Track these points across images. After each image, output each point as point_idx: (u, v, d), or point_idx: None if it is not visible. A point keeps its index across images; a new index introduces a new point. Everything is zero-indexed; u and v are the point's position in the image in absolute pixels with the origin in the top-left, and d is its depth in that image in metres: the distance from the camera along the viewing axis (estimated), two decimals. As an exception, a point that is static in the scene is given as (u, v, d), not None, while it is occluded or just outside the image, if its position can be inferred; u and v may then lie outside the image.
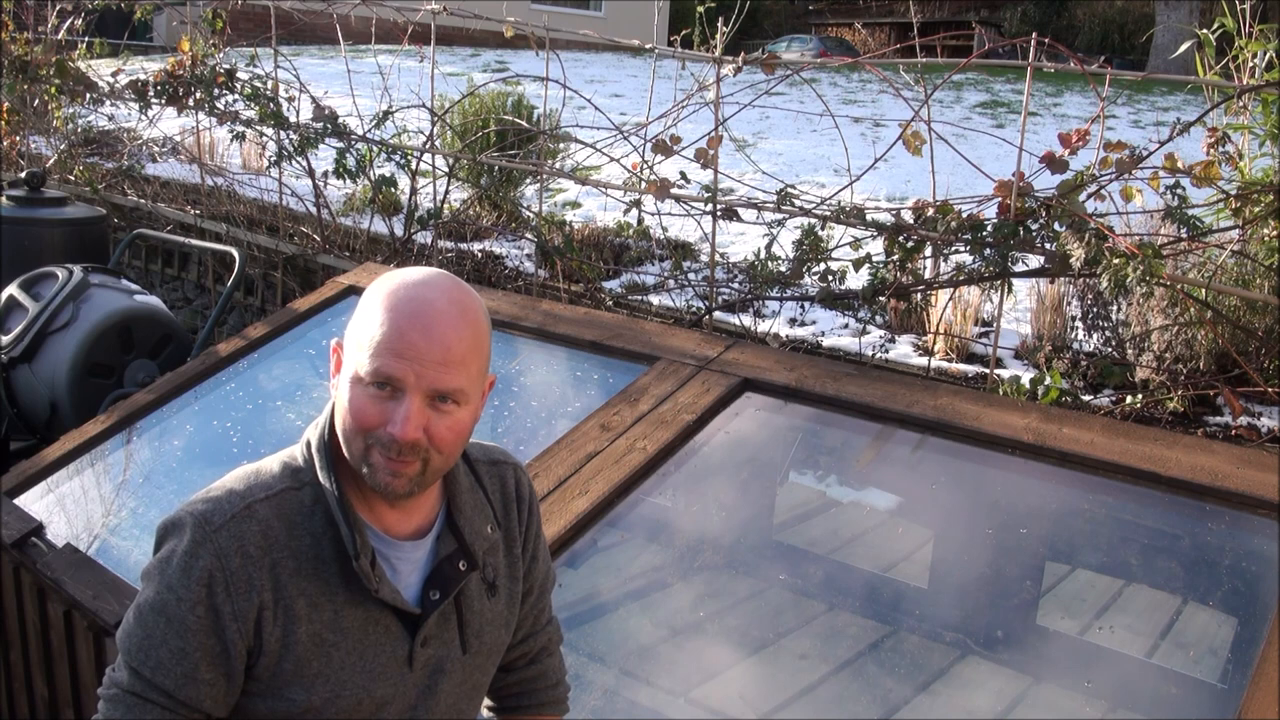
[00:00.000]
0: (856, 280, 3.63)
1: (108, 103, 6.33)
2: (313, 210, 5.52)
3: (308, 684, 1.27)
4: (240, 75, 5.37)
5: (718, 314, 4.19)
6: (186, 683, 1.24)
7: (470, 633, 1.39)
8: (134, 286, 4.45)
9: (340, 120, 4.96)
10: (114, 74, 6.15)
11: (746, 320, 4.13)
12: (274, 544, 1.26)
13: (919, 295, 3.76)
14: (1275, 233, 3.08)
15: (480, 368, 1.29)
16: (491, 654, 1.45)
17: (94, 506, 3.01)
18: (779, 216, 3.72)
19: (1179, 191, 3.02)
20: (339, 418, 1.28)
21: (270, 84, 5.27)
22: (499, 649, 1.46)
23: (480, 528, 1.40)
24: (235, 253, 4.70)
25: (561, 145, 5.66)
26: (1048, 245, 3.10)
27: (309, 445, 1.32)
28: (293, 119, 5.15)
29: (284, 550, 1.26)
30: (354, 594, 1.28)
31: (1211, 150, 2.99)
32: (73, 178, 6.85)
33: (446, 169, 4.92)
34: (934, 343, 3.93)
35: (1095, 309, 3.63)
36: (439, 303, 1.25)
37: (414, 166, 4.86)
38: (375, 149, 4.89)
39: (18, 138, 7.19)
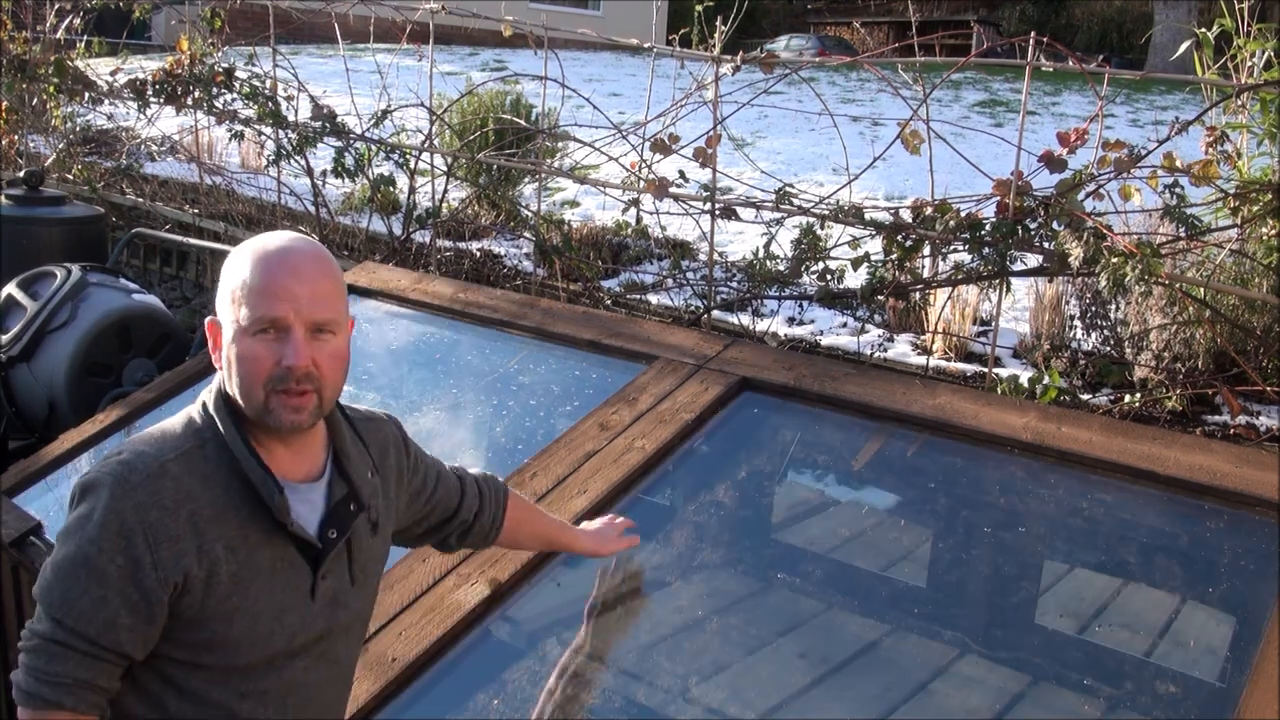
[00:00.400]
0: (855, 279, 3.63)
1: (106, 102, 6.32)
2: (311, 209, 5.51)
3: (227, 617, 1.40)
4: (239, 74, 5.36)
5: (716, 313, 4.19)
6: (108, 629, 1.34)
7: (357, 567, 1.55)
8: (132, 285, 4.45)
9: (339, 119, 4.96)
10: (112, 73, 6.14)
11: (745, 319, 4.13)
12: (189, 496, 1.38)
13: (917, 294, 3.76)
14: (1274, 231, 3.08)
15: (344, 303, 1.48)
16: (373, 586, 1.63)
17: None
18: (777, 215, 3.72)
19: (1177, 190, 3.02)
20: (234, 378, 1.41)
21: (269, 83, 5.26)
22: (377, 581, 1.65)
23: (364, 474, 1.56)
24: (234, 252, 4.69)
25: (560, 144, 5.65)
26: (1046, 244, 3.10)
27: (205, 407, 1.46)
28: (291, 118, 5.14)
29: (199, 500, 1.38)
30: (264, 534, 1.42)
31: (1210, 149, 2.99)
32: (71, 177, 6.85)
33: (445, 168, 4.91)
34: (932, 342, 3.92)
35: (1094, 308, 3.63)
36: (298, 250, 1.43)
37: (412, 165, 4.85)
38: (374, 148, 4.88)
39: (16, 137, 7.19)
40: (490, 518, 1.89)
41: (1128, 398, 3.27)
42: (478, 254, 5.24)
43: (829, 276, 3.66)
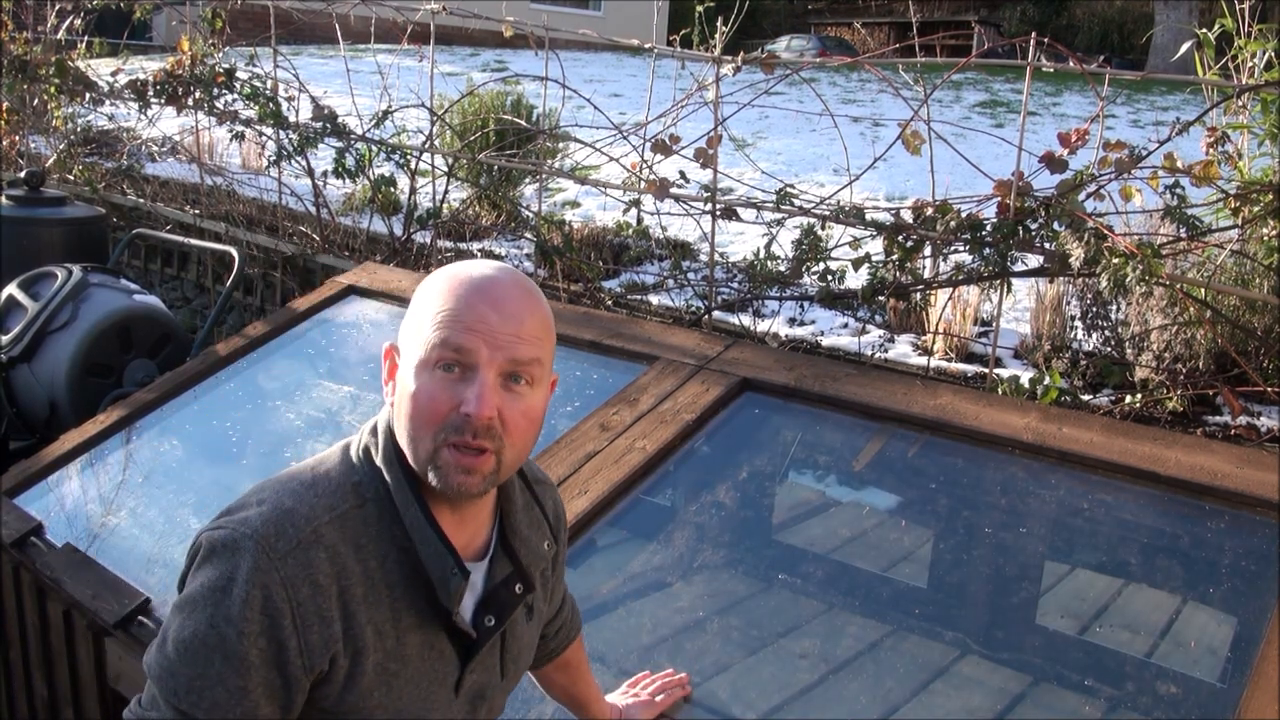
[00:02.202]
0: (856, 280, 3.63)
1: (107, 102, 6.32)
2: (312, 210, 5.51)
3: (368, 713, 1.20)
4: (239, 75, 5.37)
5: (717, 313, 4.19)
6: None
7: (509, 658, 1.35)
8: (133, 286, 4.45)
9: (339, 120, 4.96)
10: (113, 73, 6.14)
11: (746, 320, 4.13)
12: (342, 571, 1.15)
13: (918, 295, 3.76)
14: (1274, 232, 3.08)
15: (551, 349, 1.23)
16: (520, 677, 1.43)
17: (94, 506, 3.01)
18: (778, 216, 3.72)
19: (1178, 191, 3.02)
20: (402, 418, 1.18)
21: (269, 83, 5.27)
22: (524, 670, 1.45)
23: (537, 546, 1.34)
24: (234, 252, 4.70)
25: (561, 145, 5.66)
26: (1047, 245, 3.10)
27: (369, 454, 1.23)
28: (292, 118, 5.15)
29: (351, 577, 1.16)
30: (416, 618, 1.21)
31: (1211, 150, 2.99)
32: (72, 177, 6.85)
33: (446, 168, 4.92)
34: (933, 342, 3.92)
35: (1094, 308, 3.63)
36: (506, 281, 1.19)
37: (413, 166, 4.86)
38: (374, 148, 4.89)
39: (17, 137, 7.19)
40: (558, 644, 1.65)
41: (1128, 398, 3.27)
42: (478, 254, 5.24)
43: (830, 277, 3.67)
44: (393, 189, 4.95)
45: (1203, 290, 3.13)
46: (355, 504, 1.19)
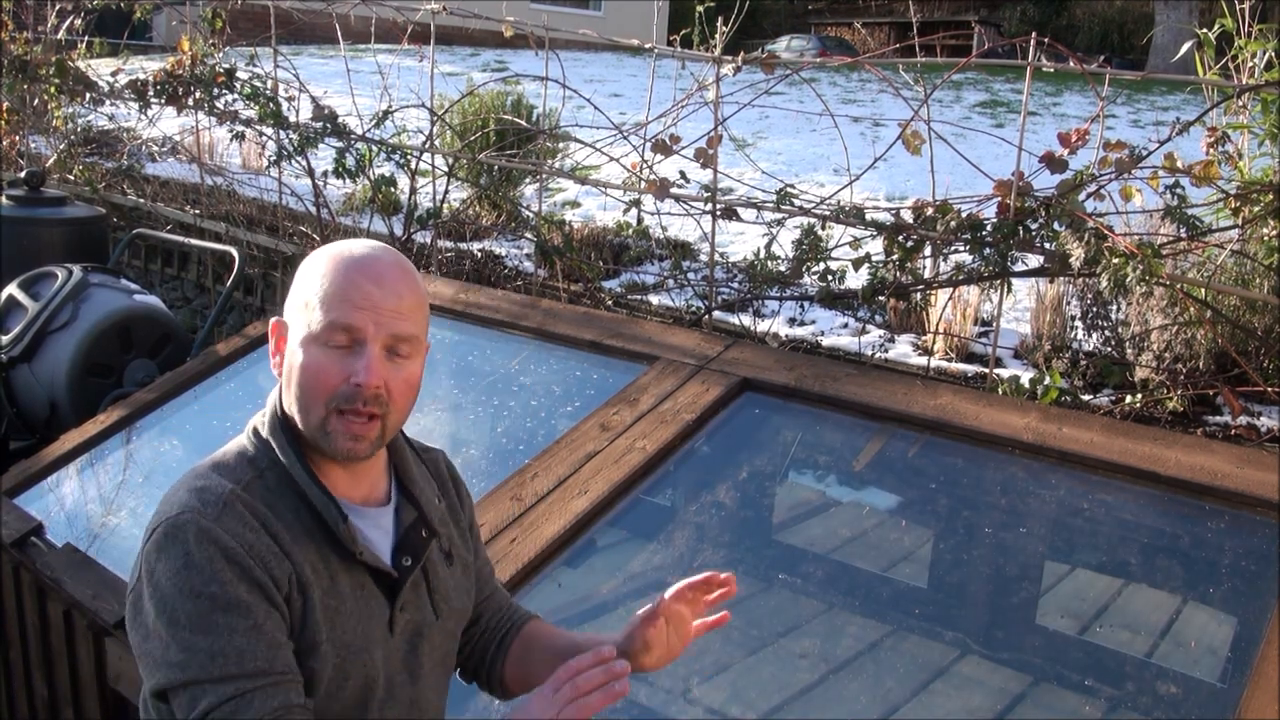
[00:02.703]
0: (856, 280, 3.63)
1: (107, 102, 6.32)
2: (312, 210, 5.51)
3: (321, 652, 1.26)
4: (240, 75, 5.37)
5: (717, 313, 4.19)
6: (277, 653, 1.19)
7: (439, 598, 1.42)
8: (133, 286, 4.45)
9: (340, 120, 4.96)
10: (113, 73, 6.14)
11: (746, 320, 4.13)
12: (265, 522, 1.25)
13: (918, 295, 3.76)
14: (1275, 232, 3.08)
15: (426, 322, 1.34)
16: (458, 620, 1.49)
17: (94, 506, 3.01)
18: (778, 216, 3.72)
19: (1178, 191, 3.02)
20: (293, 389, 1.29)
21: (270, 83, 5.27)
22: (464, 616, 1.50)
23: (431, 498, 1.45)
24: (234, 252, 4.70)
25: (561, 145, 5.66)
26: (1047, 245, 3.10)
27: (256, 432, 1.34)
28: (292, 118, 5.15)
29: (275, 527, 1.26)
30: (340, 561, 1.30)
31: (1211, 150, 2.99)
32: (72, 177, 6.85)
33: (446, 169, 4.92)
34: (933, 342, 3.93)
35: (1095, 309, 3.63)
36: (387, 260, 1.30)
37: (413, 166, 4.86)
38: (375, 149, 4.89)
39: (17, 137, 7.19)
40: (513, 619, 1.61)
41: (1129, 398, 3.27)
42: (479, 254, 5.24)
43: (830, 277, 3.67)
44: (393, 189, 4.95)
45: (1203, 290, 3.13)
46: (255, 474, 1.29)
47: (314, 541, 1.28)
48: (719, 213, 3.89)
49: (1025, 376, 3.24)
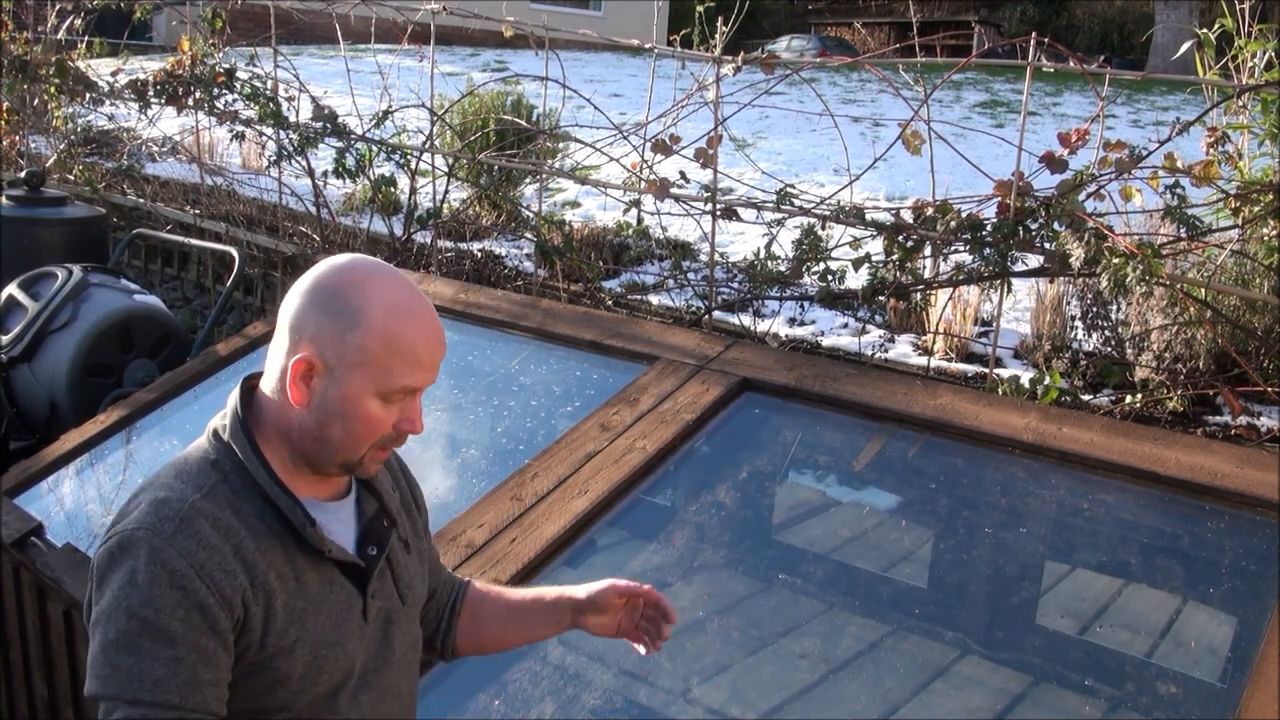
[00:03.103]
0: (856, 280, 3.63)
1: (107, 102, 6.33)
2: (312, 210, 5.51)
3: (290, 651, 1.30)
4: (240, 75, 5.37)
5: (717, 313, 4.19)
6: (190, 689, 1.22)
7: (403, 585, 1.48)
8: (133, 286, 4.45)
9: (340, 120, 4.96)
10: (113, 73, 6.15)
11: (746, 320, 4.13)
12: (228, 531, 1.28)
13: (918, 295, 3.76)
14: (1275, 232, 3.08)
15: None
16: (419, 605, 1.55)
17: (94, 506, 3.01)
18: (778, 216, 3.72)
19: (1178, 191, 3.02)
20: (338, 430, 1.32)
21: (270, 83, 5.27)
22: (422, 601, 1.56)
23: (389, 488, 1.51)
24: (234, 252, 4.70)
25: (561, 145, 5.66)
26: (1047, 245, 3.10)
27: (217, 435, 1.37)
28: (292, 118, 5.15)
29: (239, 534, 1.29)
30: (307, 560, 1.34)
31: (1211, 150, 2.99)
32: (72, 177, 6.85)
33: (446, 169, 4.92)
34: (933, 342, 3.93)
35: (1095, 309, 3.63)
36: (430, 311, 1.35)
37: (413, 166, 4.86)
38: (375, 149, 4.89)
39: (17, 137, 7.19)
40: (456, 593, 1.70)
41: (1129, 398, 3.27)
42: (479, 254, 5.24)
43: (830, 277, 3.67)
44: (393, 189, 4.96)
45: (1203, 290, 3.13)
46: (219, 478, 1.32)
47: (280, 543, 1.32)
48: (719, 213, 3.89)
49: (1025, 376, 3.24)
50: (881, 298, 3.64)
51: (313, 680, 1.33)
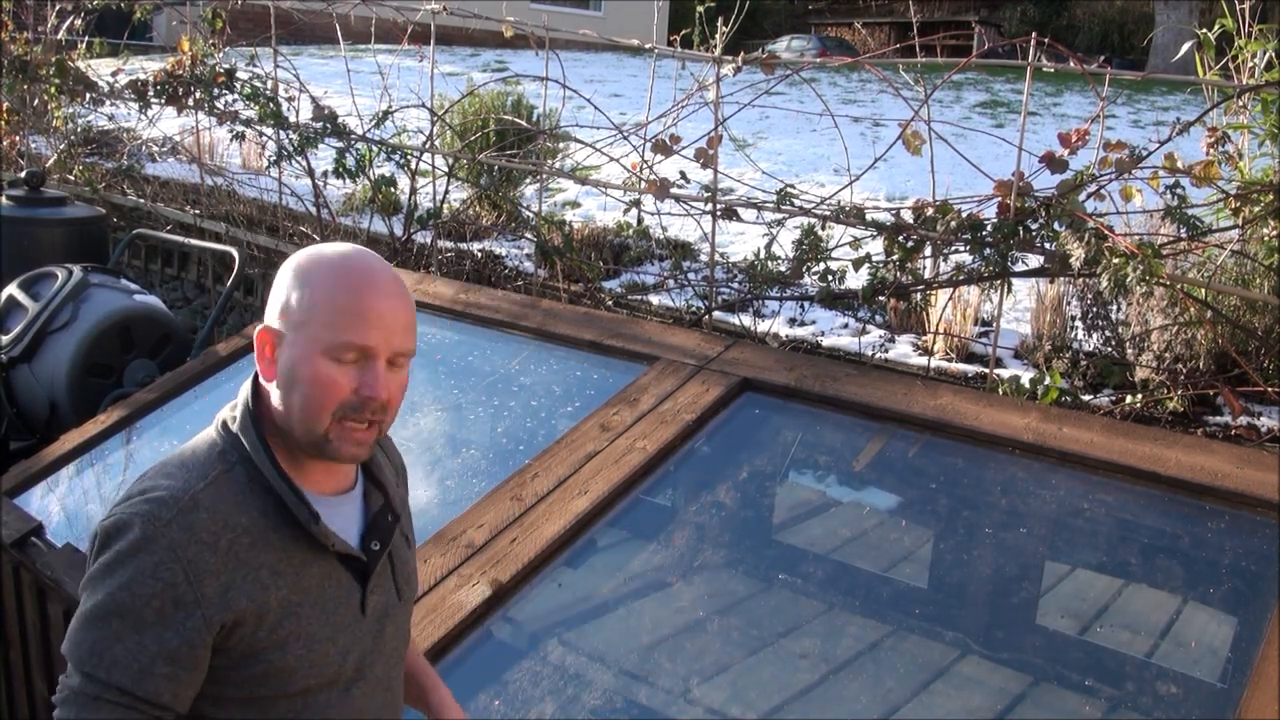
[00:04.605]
0: (856, 280, 3.63)
1: (107, 102, 6.33)
2: (312, 210, 5.51)
3: (281, 645, 1.32)
4: (240, 75, 5.37)
5: (717, 314, 4.19)
6: (143, 677, 1.24)
7: (401, 580, 1.50)
8: (133, 286, 4.45)
9: (340, 120, 4.96)
10: (113, 74, 6.15)
11: (746, 320, 4.13)
12: (225, 525, 1.29)
13: (919, 295, 3.76)
14: (1275, 232, 3.08)
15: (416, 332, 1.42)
16: (413, 600, 1.57)
17: (94, 506, 3.01)
18: (779, 216, 3.72)
19: (1179, 191, 3.02)
20: (296, 398, 1.32)
21: (270, 83, 5.27)
22: (415, 596, 1.58)
23: (394, 484, 1.52)
24: (235, 252, 4.70)
25: (561, 145, 5.66)
26: (1047, 245, 3.10)
27: (226, 426, 1.38)
28: (292, 119, 5.15)
29: (236, 529, 1.29)
30: (308, 554, 1.35)
31: (1211, 150, 2.99)
32: (72, 177, 6.85)
33: (446, 169, 4.92)
34: (933, 342, 3.92)
35: (1095, 309, 3.63)
36: (383, 273, 1.35)
37: (413, 166, 4.86)
38: (375, 149, 4.89)
39: (17, 137, 7.19)
40: None
41: (1129, 398, 3.27)
42: (479, 255, 5.24)
43: (830, 277, 3.67)
44: (393, 189, 4.95)
45: (1203, 290, 3.13)
46: (224, 469, 1.33)
47: (280, 538, 1.33)
48: (719, 213, 3.89)
49: (1025, 376, 3.24)
50: (881, 298, 3.65)
51: (306, 672, 1.34)
